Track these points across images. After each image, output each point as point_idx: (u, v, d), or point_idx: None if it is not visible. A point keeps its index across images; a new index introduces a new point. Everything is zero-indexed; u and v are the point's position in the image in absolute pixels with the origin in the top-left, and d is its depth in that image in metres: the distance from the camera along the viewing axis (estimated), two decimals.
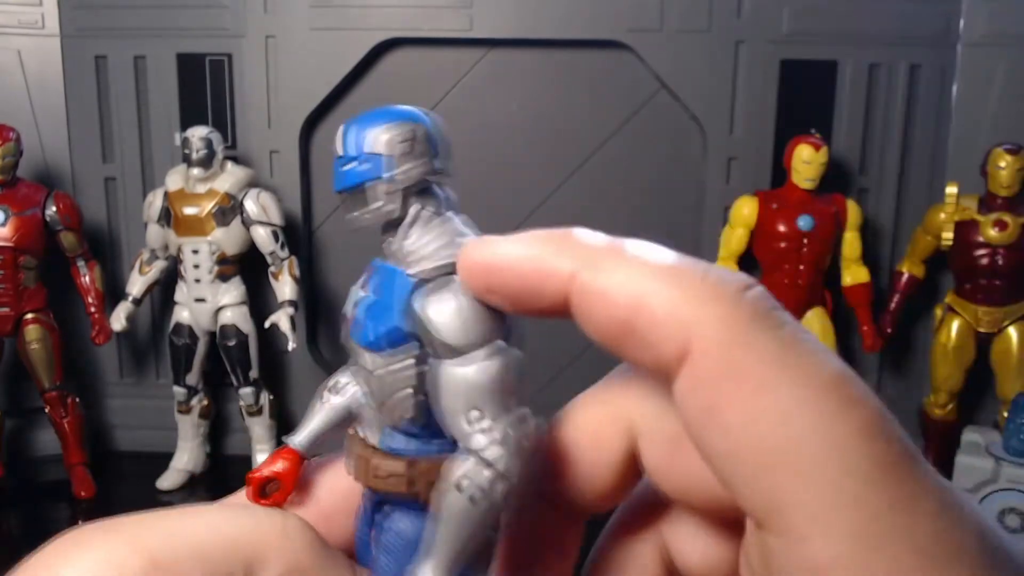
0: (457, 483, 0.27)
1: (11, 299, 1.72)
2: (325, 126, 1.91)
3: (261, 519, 0.28)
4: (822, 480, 0.20)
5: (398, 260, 0.30)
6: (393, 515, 0.30)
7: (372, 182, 0.31)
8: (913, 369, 1.95)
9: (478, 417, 0.27)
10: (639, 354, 0.23)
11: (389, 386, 0.29)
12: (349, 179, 0.31)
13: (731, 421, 0.21)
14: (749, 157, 1.83)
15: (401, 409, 0.29)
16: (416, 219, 0.30)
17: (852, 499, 0.20)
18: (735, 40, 1.79)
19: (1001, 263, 1.67)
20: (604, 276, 0.23)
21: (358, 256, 1.89)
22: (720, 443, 0.22)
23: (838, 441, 0.20)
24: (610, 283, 0.23)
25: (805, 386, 0.21)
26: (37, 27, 1.83)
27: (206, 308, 1.75)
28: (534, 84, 1.87)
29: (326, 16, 1.81)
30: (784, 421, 0.20)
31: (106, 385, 1.99)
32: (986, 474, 1.47)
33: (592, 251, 0.24)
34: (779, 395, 0.21)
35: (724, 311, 0.22)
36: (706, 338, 0.21)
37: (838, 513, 0.20)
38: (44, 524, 1.67)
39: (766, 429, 0.21)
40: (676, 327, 0.22)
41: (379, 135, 0.30)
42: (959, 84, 1.82)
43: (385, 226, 0.31)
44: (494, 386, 0.27)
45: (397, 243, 0.30)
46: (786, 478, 0.20)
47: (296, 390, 1.95)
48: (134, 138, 1.89)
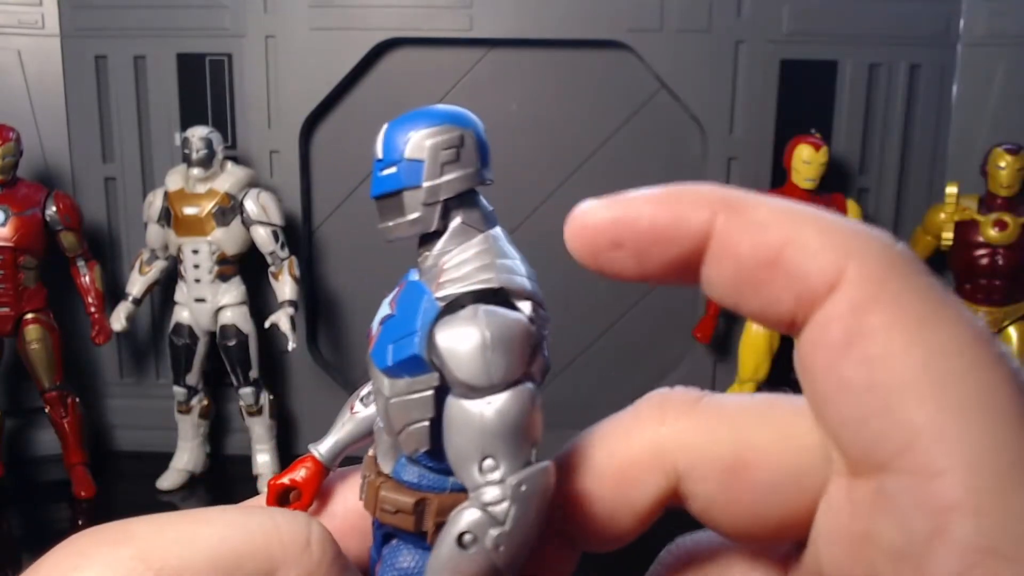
0: (460, 536, 0.24)
1: (11, 299, 1.72)
2: (325, 126, 1.91)
3: (282, 527, 0.26)
4: (971, 417, 0.19)
5: (429, 279, 0.27)
6: (400, 550, 0.28)
7: (410, 190, 0.27)
8: None
9: (491, 467, 0.25)
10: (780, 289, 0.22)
11: (405, 415, 0.26)
12: (385, 185, 0.28)
13: (880, 350, 0.20)
14: (749, 157, 1.83)
15: (416, 441, 0.26)
16: (455, 234, 0.28)
17: (999, 441, 0.19)
18: (735, 40, 1.79)
19: (1001, 263, 1.67)
20: (751, 213, 0.23)
21: (358, 256, 1.90)
22: (859, 374, 0.21)
23: (992, 385, 0.20)
24: (758, 218, 0.23)
25: (965, 329, 0.20)
26: (37, 27, 1.83)
27: (206, 308, 1.75)
28: (534, 84, 1.87)
29: (326, 16, 1.81)
30: (944, 354, 0.20)
31: (106, 385, 1.99)
32: None
33: (731, 196, 0.24)
34: (939, 330, 0.20)
35: (881, 249, 0.22)
36: (865, 267, 0.21)
37: (982, 451, 0.19)
38: (44, 524, 1.67)
39: (920, 361, 0.20)
40: (832, 255, 0.21)
41: (422, 139, 0.27)
42: (959, 84, 1.82)
43: (422, 238, 0.28)
44: (511, 433, 0.25)
45: (432, 259, 0.27)
46: (933, 410, 0.19)
47: (296, 390, 1.95)
48: (134, 138, 1.89)
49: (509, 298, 0.26)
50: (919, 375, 0.20)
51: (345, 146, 1.91)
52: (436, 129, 0.27)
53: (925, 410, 0.19)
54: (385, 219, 0.28)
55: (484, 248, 0.27)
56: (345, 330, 2.00)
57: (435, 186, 0.27)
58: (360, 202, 1.93)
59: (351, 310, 1.99)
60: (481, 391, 0.25)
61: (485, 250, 0.27)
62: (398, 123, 0.28)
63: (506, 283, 0.26)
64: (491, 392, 0.25)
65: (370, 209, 1.03)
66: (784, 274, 0.22)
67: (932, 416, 0.19)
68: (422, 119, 0.28)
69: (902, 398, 0.20)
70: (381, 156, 0.28)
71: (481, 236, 0.28)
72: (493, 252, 0.27)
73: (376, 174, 0.28)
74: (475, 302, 0.26)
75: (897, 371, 0.20)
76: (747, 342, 1.78)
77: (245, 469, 1.82)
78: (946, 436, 0.19)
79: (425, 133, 0.27)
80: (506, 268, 0.27)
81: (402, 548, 0.28)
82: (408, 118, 0.28)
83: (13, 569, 1.51)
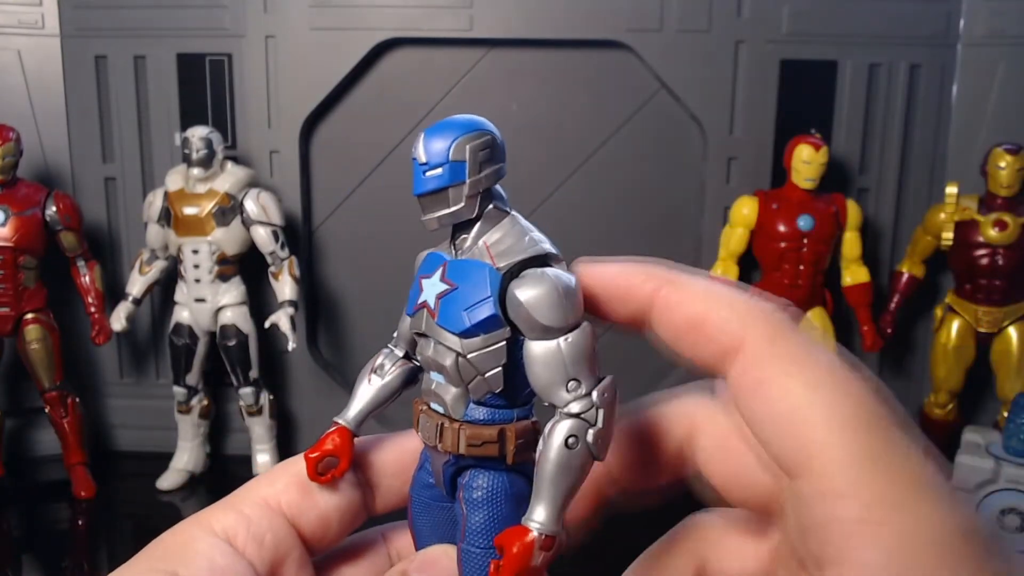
0: (565, 440, 0.32)
1: (11, 299, 1.72)
2: (325, 126, 1.91)
3: None
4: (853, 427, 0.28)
5: (478, 255, 0.34)
6: (477, 475, 0.35)
7: (455, 186, 0.34)
8: (913, 369, 1.95)
9: (576, 386, 0.33)
10: (704, 348, 0.32)
11: (481, 365, 0.34)
12: (433, 184, 0.34)
13: (775, 392, 0.29)
14: (749, 157, 1.83)
15: (492, 384, 0.34)
16: (489, 218, 0.35)
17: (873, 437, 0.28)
18: (735, 40, 1.79)
19: (1001, 263, 1.67)
20: (681, 291, 0.33)
21: (358, 256, 1.90)
22: (766, 409, 0.30)
23: (855, 399, 0.29)
24: (686, 295, 0.33)
25: (829, 364, 0.30)
26: (37, 27, 1.83)
27: (206, 308, 1.75)
28: (534, 84, 1.87)
29: (326, 16, 1.81)
30: (817, 386, 0.29)
31: (106, 385, 1.99)
32: (986, 474, 1.47)
33: (672, 275, 0.34)
34: (809, 371, 0.29)
35: (768, 319, 0.31)
36: (757, 334, 0.30)
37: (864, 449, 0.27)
38: (44, 524, 1.67)
39: (801, 394, 0.29)
40: (736, 326, 0.31)
41: (463, 144, 0.34)
42: (959, 84, 1.82)
43: (458, 225, 0.35)
44: (587, 359, 0.33)
45: (471, 240, 0.35)
46: (815, 427, 0.28)
47: (296, 390, 1.95)
48: (134, 138, 1.89)
49: (548, 261, 0.34)
50: (803, 404, 0.29)
51: (345, 146, 1.91)
52: (472, 135, 0.35)
53: (811, 428, 0.28)
54: (431, 211, 0.35)
55: (516, 226, 0.35)
56: (345, 330, 2.00)
57: (476, 180, 0.34)
58: (360, 202, 1.93)
59: (351, 310, 1.99)
60: (558, 332, 0.33)
61: (518, 228, 0.35)
62: (435, 132, 0.35)
63: (548, 250, 0.35)
64: (566, 332, 0.33)
65: (370, 209, 1.05)
66: (706, 338, 0.32)
67: (816, 431, 0.28)
68: (457, 127, 0.35)
69: (795, 422, 0.29)
70: (425, 160, 0.34)
71: (509, 217, 0.35)
72: (522, 228, 0.35)
73: (421, 175, 0.34)
74: (524, 268, 0.34)
75: (789, 404, 0.29)
76: None
77: (245, 469, 1.82)
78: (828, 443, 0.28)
79: (464, 139, 0.34)
80: (538, 239, 0.35)
81: (478, 474, 0.35)
82: (443, 127, 0.35)
83: (13, 569, 1.51)
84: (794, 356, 0.30)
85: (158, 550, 0.36)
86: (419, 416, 0.36)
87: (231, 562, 0.35)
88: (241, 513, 0.38)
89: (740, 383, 0.31)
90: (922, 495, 0.27)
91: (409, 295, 0.37)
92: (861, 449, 0.27)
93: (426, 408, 0.36)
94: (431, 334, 0.35)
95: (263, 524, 0.37)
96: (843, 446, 0.28)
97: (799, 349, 0.30)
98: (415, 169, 0.35)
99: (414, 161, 0.35)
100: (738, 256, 1.77)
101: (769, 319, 0.31)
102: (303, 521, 0.38)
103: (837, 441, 0.28)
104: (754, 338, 0.31)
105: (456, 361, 0.34)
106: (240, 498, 0.39)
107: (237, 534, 0.37)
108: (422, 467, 0.38)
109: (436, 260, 0.36)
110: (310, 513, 0.38)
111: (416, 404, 0.37)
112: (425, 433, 0.36)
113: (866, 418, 0.28)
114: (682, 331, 0.32)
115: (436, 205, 0.35)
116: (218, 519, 0.37)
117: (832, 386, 0.29)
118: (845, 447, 0.28)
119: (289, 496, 0.39)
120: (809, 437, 0.28)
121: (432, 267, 0.36)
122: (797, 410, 0.29)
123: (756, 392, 0.30)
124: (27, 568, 1.53)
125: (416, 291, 0.36)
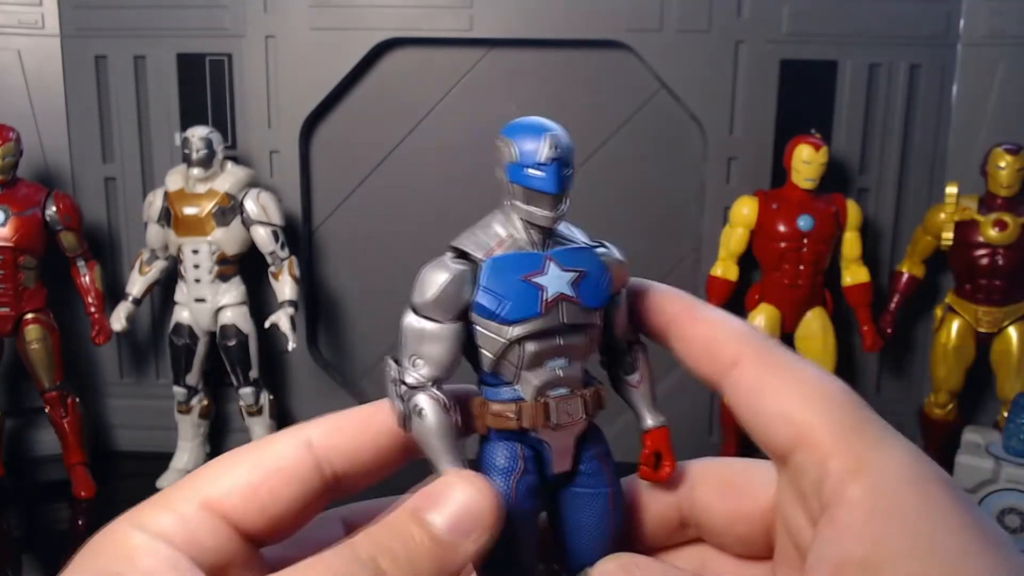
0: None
1: (11, 299, 1.72)
2: (325, 126, 1.91)
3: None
4: (832, 409, 0.35)
5: (565, 243, 0.39)
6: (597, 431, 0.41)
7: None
8: (913, 369, 1.95)
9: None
10: (709, 363, 0.40)
11: (598, 333, 0.40)
12: (570, 183, 0.38)
13: (768, 393, 0.37)
14: (749, 157, 1.83)
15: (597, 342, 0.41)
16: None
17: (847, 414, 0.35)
18: (735, 40, 1.79)
19: (1001, 263, 1.67)
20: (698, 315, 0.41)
21: (358, 256, 1.90)
22: (762, 408, 0.37)
23: (831, 390, 0.36)
24: (700, 319, 0.41)
25: (807, 366, 0.38)
26: (37, 27, 1.83)
27: (206, 308, 1.75)
28: (534, 84, 1.87)
29: (326, 16, 1.81)
30: (802, 380, 0.37)
31: (106, 385, 1.99)
32: (986, 474, 1.47)
33: (691, 302, 0.41)
34: (795, 372, 0.37)
35: (758, 340, 0.39)
36: (752, 351, 0.38)
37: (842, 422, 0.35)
38: (44, 524, 1.67)
39: (793, 389, 0.36)
40: (735, 346, 0.39)
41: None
42: (959, 84, 1.82)
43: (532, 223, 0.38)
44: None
45: (560, 230, 0.39)
46: (803, 412, 0.35)
47: (296, 390, 1.95)
48: (134, 138, 1.89)
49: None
50: (791, 398, 0.36)
51: (345, 146, 1.91)
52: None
53: (801, 414, 0.35)
54: (558, 208, 0.38)
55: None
56: (345, 330, 2.00)
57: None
58: (360, 202, 1.93)
59: (351, 310, 1.99)
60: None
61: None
62: (559, 132, 0.38)
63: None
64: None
65: (370, 209, 1.05)
66: (712, 355, 0.39)
67: (805, 415, 0.35)
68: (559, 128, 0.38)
69: (786, 413, 0.36)
70: (565, 158, 0.38)
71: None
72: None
73: (560, 174, 0.37)
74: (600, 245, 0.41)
75: (784, 397, 0.36)
76: None
77: None
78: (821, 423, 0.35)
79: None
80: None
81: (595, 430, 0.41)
82: (556, 127, 0.38)
83: (13, 569, 1.51)
84: (778, 365, 0.38)
85: (97, 554, 0.34)
86: (546, 410, 0.38)
87: (173, 561, 0.33)
88: (178, 513, 0.35)
89: (736, 391, 0.38)
90: (891, 450, 0.34)
91: (510, 307, 0.37)
92: (842, 421, 0.35)
93: (554, 398, 0.39)
94: (574, 320, 0.38)
95: (203, 527, 0.35)
96: (828, 421, 0.35)
97: (783, 360, 0.38)
98: (551, 167, 0.37)
99: (556, 162, 0.37)
100: (738, 256, 1.77)
101: (758, 341, 0.39)
102: (248, 523, 0.36)
103: (822, 419, 0.35)
104: (747, 354, 0.38)
105: (590, 333, 0.39)
106: (177, 495, 0.37)
107: (173, 536, 0.34)
108: (526, 472, 0.38)
109: (530, 258, 0.38)
110: (256, 518, 0.36)
111: (529, 407, 0.38)
112: (568, 416, 0.39)
113: (841, 402, 0.36)
114: (695, 347, 0.40)
115: (560, 202, 0.38)
116: (153, 519, 0.35)
117: (812, 384, 0.36)
118: (829, 422, 0.35)
119: (232, 500, 0.36)
120: (799, 419, 0.35)
121: (535, 265, 0.38)
122: (786, 402, 0.36)
123: (751, 396, 0.37)
124: (27, 568, 1.53)
125: (528, 294, 0.37)
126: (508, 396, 0.39)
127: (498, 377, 0.39)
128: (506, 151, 0.38)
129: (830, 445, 0.34)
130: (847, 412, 0.35)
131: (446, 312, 0.37)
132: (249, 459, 0.37)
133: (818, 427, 0.35)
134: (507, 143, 0.38)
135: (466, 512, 0.34)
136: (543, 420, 0.38)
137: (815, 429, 0.35)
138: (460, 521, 0.34)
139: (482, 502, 0.35)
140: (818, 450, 0.34)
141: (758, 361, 0.38)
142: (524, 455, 0.39)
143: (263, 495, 0.36)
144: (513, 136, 0.38)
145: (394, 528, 0.34)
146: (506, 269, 0.37)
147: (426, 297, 0.37)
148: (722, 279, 1.78)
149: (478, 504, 0.35)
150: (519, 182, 0.38)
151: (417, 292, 0.38)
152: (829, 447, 0.34)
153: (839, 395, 0.36)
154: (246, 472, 0.37)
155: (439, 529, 0.34)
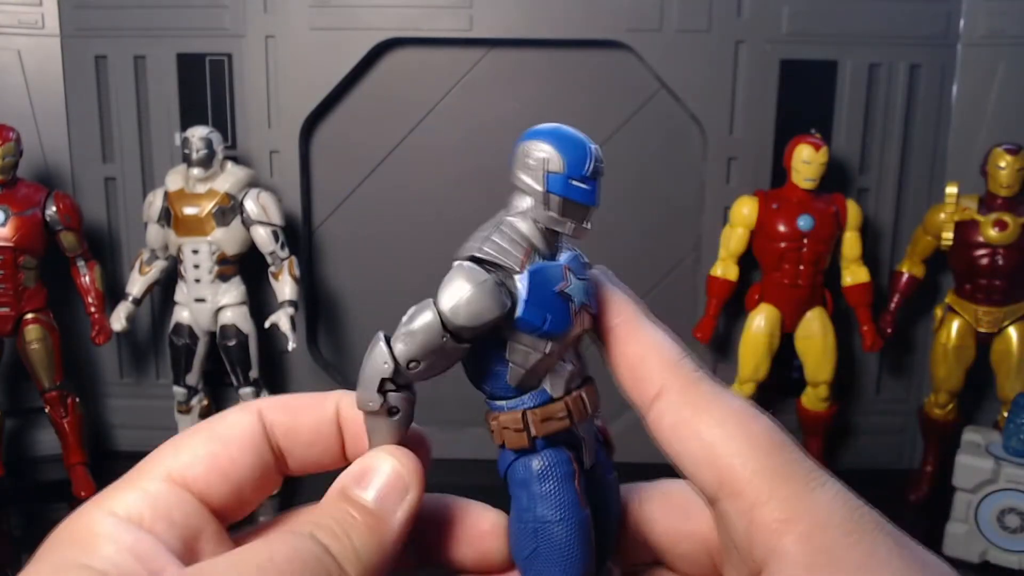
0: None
1: (11, 299, 1.72)
2: (325, 126, 1.91)
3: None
4: (757, 451, 0.34)
5: (569, 249, 0.38)
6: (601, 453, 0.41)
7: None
8: (913, 369, 1.95)
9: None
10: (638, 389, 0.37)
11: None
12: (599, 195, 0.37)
13: (687, 432, 0.35)
14: (749, 157, 1.83)
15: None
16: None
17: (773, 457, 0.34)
18: (735, 40, 1.79)
19: (1001, 263, 1.67)
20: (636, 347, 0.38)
21: (358, 256, 1.89)
22: (682, 448, 0.35)
23: (756, 431, 0.35)
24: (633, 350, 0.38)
25: (730, 401, 0.36)
26: (37, 27, 1.83)
27: (206, 308, 1.75)
28: (534, 84, 1.87)
29: (326, 16, 1.81)
30: (722, 421, 0.35)
31: (106, 385, 1.99)
32: (986, 474, 1.47)
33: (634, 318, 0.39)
34: (716, 412, 0.35)
35: (683, 369, 0.37)
36: (677, 381, 0.36)
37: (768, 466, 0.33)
38: (44, 524, 1.67)
39: (709, 432, 0.35)
40: (659, 374, 0.37)
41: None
42: (959, 84, 1.82)
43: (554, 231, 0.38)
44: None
45: (566, 244, 0.39)
46: (726, 456, 0.34)
47: (296, 390, 1.94)
48: (134, 138, 1.89)
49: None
50: (713, 439, 0.34)
51: (345, 146, 1.91)
52: None
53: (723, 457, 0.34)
54: (588, 220, 0.37)
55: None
56: (345, 330, 2.00)
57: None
58: (360, 202, 1.93)
59: (351, 310, 1.99)
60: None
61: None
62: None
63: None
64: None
65: (370, 209, 1.04)
66: (638, 380, 0.37)
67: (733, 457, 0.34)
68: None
69: (708, 455, 0.34)
70: (602, 174, 0.37)
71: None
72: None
73: (595, 187, 0.37)
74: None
75: (707, 437, 0.35)
76: (747, 342, 1.78)
77: None
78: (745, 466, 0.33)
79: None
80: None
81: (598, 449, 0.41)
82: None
83: (13, 569, 1.51)
84: (703, 401, 0.36)
85: (61, 543, 0.34)
86: (568, 409, 0.38)
87: (141, 543, 0.33)
88: (145, 491, 0.36)
89: (659, 426, 0.36)
90: (823, 496, 0.32)
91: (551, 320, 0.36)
92: (767, 466, 0.33)
93: (573, 395, 0.38)
94: (587, 326, 0.38)
95: (170, 501, 0.35)
96: (752, 466, 0.33)
97: (708, 396, 0.36)
98: (595, 181, 0.37)
99: (598, 177, 0.37)
100: (738, 256, 1.77)
101: (683, 370, 0.37)
102: (212, 494, 0.37)
103: (746, 463, 0.33)
104: (672, 386, 0.36)
105: (586, 335, 0.39)
106: (142, 473, 0.37)
107: (142, 514, 0.34)
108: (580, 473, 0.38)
109: (557, 270, 0.37)
110: (220, 487, 0.37)
111: (572, 402, 0.38)
112: (593, 404, 0.39)
113: (767, 443, 0.34)
114: (628, 364, 0.38)
115: (590, 216, 0.37)
116: (120, 500, 0.35)
117: (736, 422, 0.35)
118: (754, 466, 0.33)
119: (195, 471, 0.37)
120: (723, 464, 0.34)
121: (561, 275, 0.37)
122: (709, 446, 0.34)
123: (673, 434, 0.36)
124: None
125: (562, 307, 0.36)
126: (542, 399, 0.37)
127: (521, 387, 0.37)
128: (550, 161, 0.36)
129: (756, 493, 0.33)
130: (773, 454, 0.34)
131: (475, 333, 0.35)
132: (206, 431, 0.38)
133: (742, 472, 0.33)
134: (551, 152, 0.36)
135: (391, 483, 0.36)
136: (584, 412, 0.38)
137: (739, 475, 0.33)
138: (388, 492, 0.36)
139: (402, 471, 0.36)
140: (743, 499, 0.33)
141: (681, 394, 0.36)
142: (572, 456, 0.38)
143: (223, 463, 0.37)
144: (558, 146, 0.36)
145: (328, 508, 0.36)
146: (544, 282, 0.36)
147: (467, 320, 0.34)
148: (722, 279, 1.78)
149: (400, 474, 0.36)
150: (562, 193, 0.36)
151: (453, 308, 0.34)
152: (755, 495, 0.33)
153: (765, 436, 0.34)
154: (205, 442, 0.38)
155: (369, 502, 0.36)
